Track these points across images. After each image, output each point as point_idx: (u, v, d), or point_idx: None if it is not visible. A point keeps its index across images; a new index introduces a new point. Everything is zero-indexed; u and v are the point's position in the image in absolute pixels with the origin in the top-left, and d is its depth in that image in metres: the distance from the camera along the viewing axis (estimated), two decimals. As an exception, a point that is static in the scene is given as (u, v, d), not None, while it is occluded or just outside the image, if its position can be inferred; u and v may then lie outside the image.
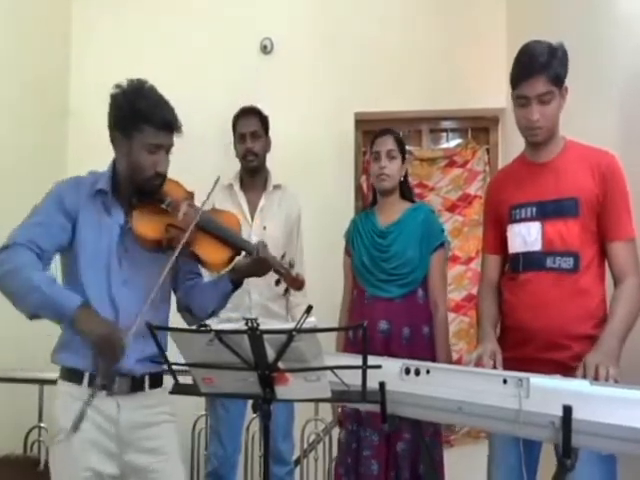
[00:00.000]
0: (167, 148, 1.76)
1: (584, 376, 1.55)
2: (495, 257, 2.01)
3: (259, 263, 1.81)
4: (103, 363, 1.64)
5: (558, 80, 1.78)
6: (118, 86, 1.74)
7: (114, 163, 1.80)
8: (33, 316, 1.64)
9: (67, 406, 1.67)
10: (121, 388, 1.69)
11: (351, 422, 2.30)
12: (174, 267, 1.77)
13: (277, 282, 1.90)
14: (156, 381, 1.77)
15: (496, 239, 2.00)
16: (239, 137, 2.73)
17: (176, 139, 1.78)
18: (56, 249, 1.70)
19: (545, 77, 1.76)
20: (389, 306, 2.29)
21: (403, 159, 2.42)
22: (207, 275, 2.23)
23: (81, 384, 1.67)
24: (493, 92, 3.42)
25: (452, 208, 3.51)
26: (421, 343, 2.29)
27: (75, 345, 1.68)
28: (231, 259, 1.84)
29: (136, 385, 1.72)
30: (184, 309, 1.91)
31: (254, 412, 1.45)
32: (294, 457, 2.80)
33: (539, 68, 1.76)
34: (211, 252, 1.81)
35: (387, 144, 2.38)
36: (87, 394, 1.65)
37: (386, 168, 2.36)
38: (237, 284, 1.87)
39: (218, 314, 2.58)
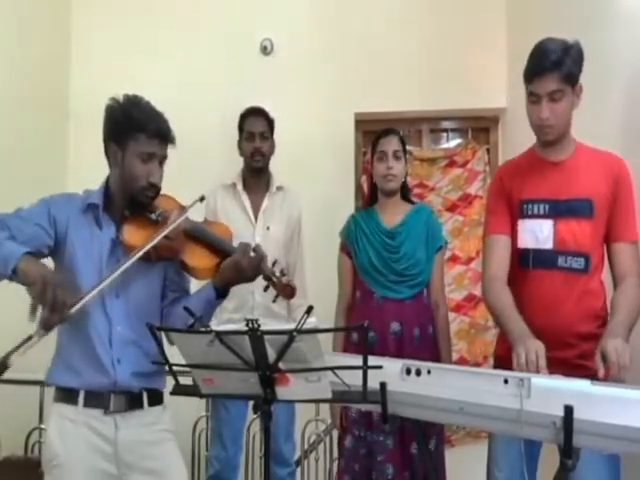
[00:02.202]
0: (160, 159, 1.74)
1: (604, 365, 1.53)
2: (507, 238, 1.91)
3: (245, 264, 1.70)
4: (44, 309, 1.47)
5: (570, 78, 1.77)
6: (113, 99, 1.74)
7: (107, 179, 1.79)
8: None
9: (62, 429, 1.65)
10: (118, 406, 1.66)
11: (358, 428, 2.28)
12: (161, 276, 1.78)
13: (265, 288, 1.81)
14: (155, 398, 1.74)
15: (506, 221, 1.93)
16: (247, 135, 2.72)
17: (176, 140, 1.77)
18: (31, 244, 1.60)
19: (557, 75, 1.75)
20: (401, 307, 2.30)
21: (406, 159, 2.43)
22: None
23: (77, 404, 1.65)
24: (493, 92, 3.43)
25: (452, 208, 3.51)
26: (428, 343, 2.31)
27: (68, 362, 1.66)
28: (218, 265, 1.77)
29: (134, 402, 1.69)
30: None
31: (255, 413, 1.45)
32: (295, 458, 2.80)
33: (551, 66, 1.75)
34: (197, 258, 1.78)
35: (393, 144, 2.38)
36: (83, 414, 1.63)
37: (393, 168, 2.35)
38: (221, 291, 1.75)
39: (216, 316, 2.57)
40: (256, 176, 2.74)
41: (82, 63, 3.60)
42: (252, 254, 1.73)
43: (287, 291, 1.80)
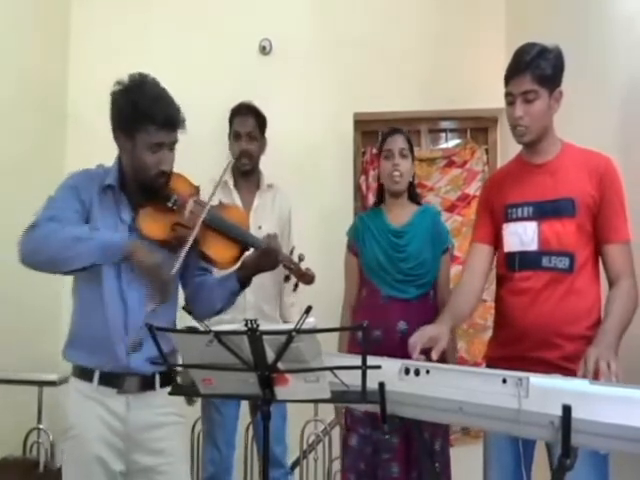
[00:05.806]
0: (170, 145, 1.73)
1: (585, 371, 1.52)
2: (486, 247, 2.00)
3: (266, 255, 1.78)
4: (155, 289, 1.66)
5: (545, 80, 1.78)
6: (119, 83, 1.71)
7: (119, 159, 1.78)
8: (75, 271, 1.63)
9: (78, 403, 1.70)
10: (131, 387, 1.70)
11: (364, 426, 2.27)
12: (183, 263, 1.75)
13: (287, 278, 1.84)
14: (167, 380, 1.75)
15: (489, 231, 1.99)
16: (234, 135, 2.69)
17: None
18: None
19: (530, 75, 1.77)
20: (407, 307, 2.28)
21: (412, 159, 2.40)
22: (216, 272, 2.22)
23: (92, 382, 1.69)
24: (492, 92, 3.38)
25: (451, 208, 3.51)
26: None
27: (83, 342, 1.71)
28: (239, 256, 1.82)
29: (146, 384, 1.72)
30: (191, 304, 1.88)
31: (253, 414, 1.45)
32: (293, 458, 2.79)
33: (524, 66, 1.78)
34: (219, 250, 1.79)
35: (399, 142, 2.36)
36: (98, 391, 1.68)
37: (400, 165, 2.33)
38: (244, 282, 1.84)
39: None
40: (245, 176, 2.71)
41: (80, 63, 3.60)
42: (278, 243, 1.80)
43: (307, 278, 1.83)
